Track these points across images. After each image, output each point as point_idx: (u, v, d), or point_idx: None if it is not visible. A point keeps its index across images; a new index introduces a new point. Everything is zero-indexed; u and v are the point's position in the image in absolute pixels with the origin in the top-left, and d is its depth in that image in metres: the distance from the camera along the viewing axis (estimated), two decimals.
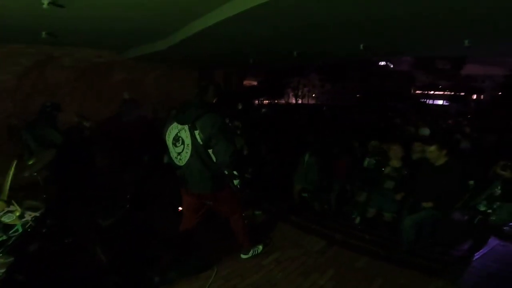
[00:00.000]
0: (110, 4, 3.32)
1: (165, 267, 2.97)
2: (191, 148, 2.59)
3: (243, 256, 3.18)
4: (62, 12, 3.34)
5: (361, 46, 5.37)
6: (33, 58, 6.00)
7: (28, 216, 2.58)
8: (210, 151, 2.59)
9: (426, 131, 6.58)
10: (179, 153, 2.67)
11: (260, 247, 3.29)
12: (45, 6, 2.97)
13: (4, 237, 2.55)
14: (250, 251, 3.19)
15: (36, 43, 5.57)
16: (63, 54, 6.33)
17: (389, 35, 4.55)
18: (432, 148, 3.37)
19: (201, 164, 2.60)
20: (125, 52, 6.94)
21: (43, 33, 4.41)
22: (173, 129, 2.69)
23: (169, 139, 2.72)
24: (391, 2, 3.17)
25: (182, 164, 2.68)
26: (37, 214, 2.64)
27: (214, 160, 2.61)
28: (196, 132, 2.55)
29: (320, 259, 3.16)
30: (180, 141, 2.64)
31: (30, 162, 3.02)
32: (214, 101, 2.81)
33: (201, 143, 2.56)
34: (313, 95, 40.16)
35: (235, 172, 2.78)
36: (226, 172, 2.75)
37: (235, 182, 2.83)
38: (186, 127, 2.60)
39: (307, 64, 23.94)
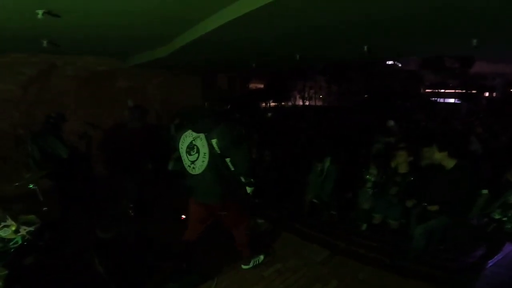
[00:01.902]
0: (106, 13, 3.30)
1: (165, 278, 2.93)
2: (208, 157, 2.54)
3: (244, 267, 3.12)
4: (59, 22, 3.33)
5: (365, 48, 5.26)
6: (36, 68, 6.06)
7: (23, 230, 2.62)
8: (227, 160, 2.57)
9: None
10: (192, 162, 2.62)
11: (261, 257, 3.22)
12: (39, 16, 2.96)
13: (6, 248, 2.57)
14: (250, 262, 3.14)
15: (38, 52, 5.63)
16: (65, 63, 6.39)
17: (393, 36, 4.42)
18: (433, 148, 3.23)
19: (217, 173, 2.57)
20: (126, 60, 6.97)
21: (44, 42, 4.43)
22: (187, 137, 2.64)
23: (182, 147, 2.67)
24: (393, 3, 3.08)
25: (195, 173, 2.63)
26: (31, 228, 2.66)
27: (231, 169, 2.59)
28: (214, 141, 2.51)
29: (322, 270, 3.07)
30: (195, 150, 2.59)
31: (27, 176, 3.03)
32: (227, 109, 2.78)
33: (219, 152, 2.52)
34: (320, 96, 39.90)
35: (251, 180, 2.74)
36: (243, 180, 2.72)
37: (249, 189, 2.80)
38: (202, 135, 2.56)
39: (312, 65, 23.81)
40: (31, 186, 3.13)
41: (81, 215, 4.19)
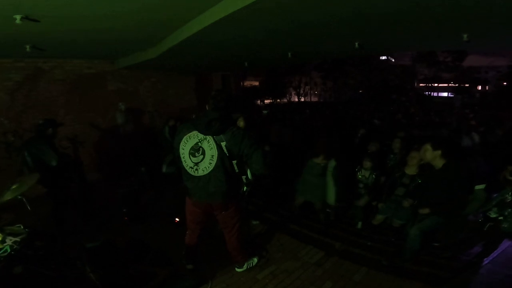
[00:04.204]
0: (85, 17, 3.22)
1: (159, 284, 2.88)
2: (217, 159, 2.52)
3: (237, 270, 3.09)
4: (40, 26, 3.24)
5: (356, 44, 5.21)
6: (23, 73, 5.94)
7: (9, 241, 2.55)
8: (234, 162, 2.58)
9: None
10: (196, 163, 2.58)
11: (255, 259, 3.19)
12: (18, 21, 2.88)
13: None
14: (244, 265, 3.10)
15: (24, 57, 5.53)
16: (53, 67, 6.28)
17: (384, 32, 4.37)
18: (427, 146, 3.15)
19: (223, 174, 2.56)
20: (116, 62, 6.87)
21: (27, 46, 4.33)
22: (192, 138, 2.59)
23: (185, 148, 2.61)
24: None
25: (198, 174, 2.60)
26: (17, 239, 2.60)
27: (237, 171, 2.62)
28: (223, 144, 2.50)
29: (317, 272, 3.03)
30: (200, 151, 2.55)
31: (14, 186, 2.96)
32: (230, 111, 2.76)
33: (227, 154, 2.52)
34: (315, 92, 39.94)
35: (252, 180, 2.78)
36: (244, 180, 2.73)
37: (245, 188, 2.81)
38: (210, 138, 2.53)
39: (307, 62, 23.82)
40: (19, 197, 3.05)
41: (74, 221, 4.12)
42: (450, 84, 36.55)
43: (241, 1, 2.89)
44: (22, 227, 2.85)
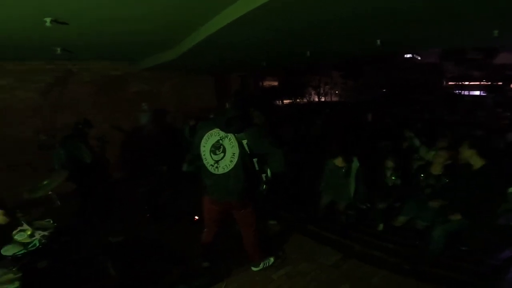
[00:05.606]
0: (112, 19, 3.34)
1: (175, 281, 2.94)
2: (238, 157, 2.53)
3: (253, 269, 3.09)
4: (68, 29, 3.40)
5: (378, 41, 5.07)
6: (54, 75, 6.25)
7: (38, 235, 2.66)
8: (255, 160, 2.60)
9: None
10: (216, 161, 2.59)
11: (272, 259, 3.18)
12: (47, 24, 3.02)
13: (24, 251, 2.65)
14: (260, 264, 3.09)
15: (54, 59, 5.82)
16: (81, 69, 6.58)
17: (403, 28, 4.22)
18: (464, 145, 3.04)
19: (243, 172, 2.57)
20: (139, 63, 7.07)
21: (58, 49, 4.57)
22: (213, 136, 2.61)
23: (206, 146, 2.64)
24: None
25: (218, 172, 2.61)
26: (45, 233, 2.71)
27: (257, 169, 2.63)
28: (245, 142, 2.52)
29: (333, 274, 2.97)
30: (221, 149, 2.57)
31: (45, 183, 3.12)
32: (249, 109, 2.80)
33: (249, 152, 2.54)
34: (336, 92, 39.08)
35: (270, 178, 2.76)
36: (264, 178, 2.72)
37: (264, 186, 2.78)
38: (231, 136, 2.54)
39: (327, 61, 23.35)
40: (50, 193, 3.22)
41: (97, 218, 4.28)
42: (482, 82, 34.63)
43: (253, 2, 2.90)
44: (51, 221, 2.97)
